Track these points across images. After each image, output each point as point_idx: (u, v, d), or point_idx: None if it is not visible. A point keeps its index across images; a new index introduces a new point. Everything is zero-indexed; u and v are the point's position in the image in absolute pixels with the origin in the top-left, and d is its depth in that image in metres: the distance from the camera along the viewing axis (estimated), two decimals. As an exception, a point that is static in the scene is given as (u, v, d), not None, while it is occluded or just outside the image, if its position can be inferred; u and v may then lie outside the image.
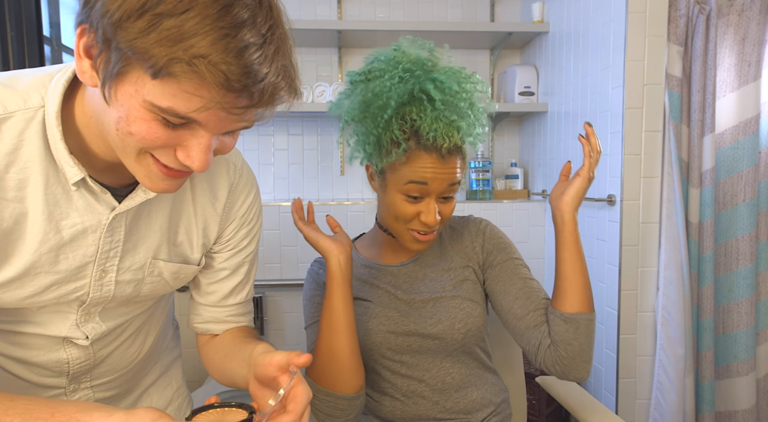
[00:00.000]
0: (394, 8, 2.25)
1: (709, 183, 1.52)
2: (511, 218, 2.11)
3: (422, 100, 0.84)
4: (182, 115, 0.47)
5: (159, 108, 0.47)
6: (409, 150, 0.85)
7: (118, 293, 0.67)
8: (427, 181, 0.85)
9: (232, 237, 0.76)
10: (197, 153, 0.51)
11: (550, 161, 2.05)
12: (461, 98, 0.85)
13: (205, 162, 0.52)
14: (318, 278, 1.00)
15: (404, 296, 0.96)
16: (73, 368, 0.70)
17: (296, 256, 2.05)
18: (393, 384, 0.94)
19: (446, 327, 0.92)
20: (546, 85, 2.08)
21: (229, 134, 0.55)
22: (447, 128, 0.83)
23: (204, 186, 0.72)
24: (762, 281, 1.61)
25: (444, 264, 0.98)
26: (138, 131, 0.49)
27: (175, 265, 0.71)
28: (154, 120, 0.48)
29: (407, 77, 0.85)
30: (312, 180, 2.28)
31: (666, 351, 1.51)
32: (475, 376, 0.96)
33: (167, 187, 0.56)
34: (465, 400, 0.94)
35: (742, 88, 1.54)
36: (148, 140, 0.50)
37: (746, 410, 1.59)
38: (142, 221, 0.66)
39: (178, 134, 0.50)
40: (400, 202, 0.88)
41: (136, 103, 0.47)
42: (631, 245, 1.55)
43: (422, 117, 0.83)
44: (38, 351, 0.67)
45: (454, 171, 0.87)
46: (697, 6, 1.50)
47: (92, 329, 0.68)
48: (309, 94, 2.05)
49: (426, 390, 0.93)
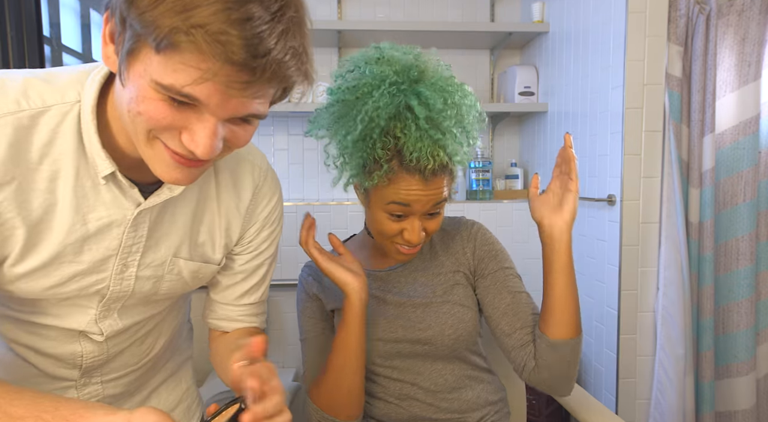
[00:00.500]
0: (394, 8, 2.25)
1: (709, 183, 1.52)
2: (511, 218, 2.11)
3: (407, 117, 0.80)
4: (183, 92, 0.47)
5: (162, 86, 0.47)
6: (391, 172, 0.81)
7: (138, 289, 0.68)
8: (410, 203, 0.82)
9: (253, 239, 0.77)
10: (201, 137, 0.51)
11: (550, 161, 2.05)
12: (447, 116, 0.81)
13: (209, 148, 0.51)
14: (308, 287, 0.99)
15: (393, 299, 0.94)
16: (86, 361, 0.71)
17: (296, 256, 2.05)
18: (385, 387, 0.94)
19: (436, 332, 0.91)
20: (546, 85, 2.08)
21: (239, 124, 0.54)
22: (431, 147, 0.79)
23: (229, 187, 0.72)
24: (762, 281, 1.61)
25: (434, 269, 0.97)
26: (146, 110, 0.49)
27: (195, 264, 0.71)
28: (160, 100, 0.49)
29: (394, 91, 0.80)
30: (312, 180, 2.28)
31: (666, 351, 1.51)
32: (468, 377, 0.95)
33: (180, 176, 0.56)
34: (459, 400, 0.93)
35: (742, 88, 1.54)
36: (155, 120, 0.50)
37: (746, 410, 1.59)
38: (166, 218, 0.67)
39: (184, 116, 0.50)
40: (384, 220, 0.86)
41: (144, 82, 0.48)
42: (631, 245, 1.55)
43: (406, 134, 0.79)
44: (54, 342, 0.68)
45: (439, 191, 0.83)
46: (697, 6, 1.50)
47: (109, 326, 0.69)
48: (309, 94, 2.05)
49: (419, 392, 0.93)
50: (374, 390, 0.95)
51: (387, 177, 0.82)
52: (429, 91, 0.80)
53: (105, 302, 0.67)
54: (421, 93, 0.80)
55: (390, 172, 0.81)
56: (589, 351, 1.76)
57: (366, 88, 0.80)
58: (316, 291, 0.98)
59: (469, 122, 0.85)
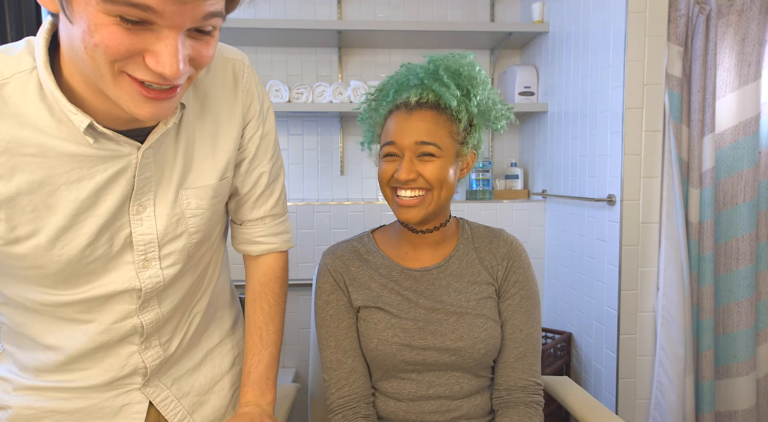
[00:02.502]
0: (394, 8, 2.25)
1: (709, 183, 1.52)
2: (511, 218, 2.11)
3: (412, 85, 0.90)
4: (134, 2, 0.47)
5: (111, 1, 0.47)
6: (384, 114, 0.93)
7: (161, 227, 0.69)
8: (395, 140, 0.88)
9: (249, 140, 0.78)
10: (166, 55, 0.51)
11: (550, 161, 2.05)
12: (444, 68, 0.89)
13: (176, 66, 0.51)
14: (337, 277, 0.95)
15: (426, 304, 0.92)
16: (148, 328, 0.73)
17: (296, 256, 2.05)
18: (401, 388, 0.93)
19: (467, 344, 0.90)
20: (546, 85, 2.08)
21: (200, 38, 0.54)
22: (418, 87, 0.88)
23: (217, 97, 0.73)
24: (762, 281, 1.61)
25: (470, 276, 0.95)
26: (101, 39, 0.49)
27: (204, 189, 0.73)
28: (113, 24, 0.48)
29: (411, 74, 0.91)
30: (312, 180, 2.28)
31: (666, 351, 1.51)
32: (482, 385, 0.95)
33: (154, 110, 0.56)
34: (469, 404, 0.93)
35: (742, 88, 1.54)
36: (113, 48, 0.49)
37: (746, 410, 1.59)
38: (168, 154, 0.68)
39: (142, 38, 0.50)
40: (381, 166, 0.91)
41: (92, 9, 0.48)
42: (631, 245, 1.55)
43: (406, 92, 0.90)
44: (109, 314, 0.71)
45: (424, 126, 0.87)
46: (697, 6, 1.50)
47: (149, 278, 0.70)
48: (309, 94, 2.05)
49: (433, 395, 0.91)
50: (388, 390, 0.94)
51: (381, 124, 0.94)
52: (441, 70, 0.89)
53: (140, 249, 0.68)
54: (432, 69, 0.90)
55: (383, 114, 0.93)
56: (589, 351, 1.76)
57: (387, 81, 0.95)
58: (347, 284, 0.95)
59: (470, 76, 0.91)
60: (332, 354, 0.93)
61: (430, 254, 0.97)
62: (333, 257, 0.98)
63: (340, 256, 0.97)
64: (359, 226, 2.05)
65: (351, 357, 0.93)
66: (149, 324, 0.73)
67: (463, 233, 1.00)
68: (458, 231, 1.01)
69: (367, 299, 0.93)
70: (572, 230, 1.87)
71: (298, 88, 2.06)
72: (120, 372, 0.74)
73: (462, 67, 0.90)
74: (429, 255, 0.97)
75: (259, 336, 0.84)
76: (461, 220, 1.03)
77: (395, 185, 0.89)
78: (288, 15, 2.23)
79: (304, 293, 2.06)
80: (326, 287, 0.96)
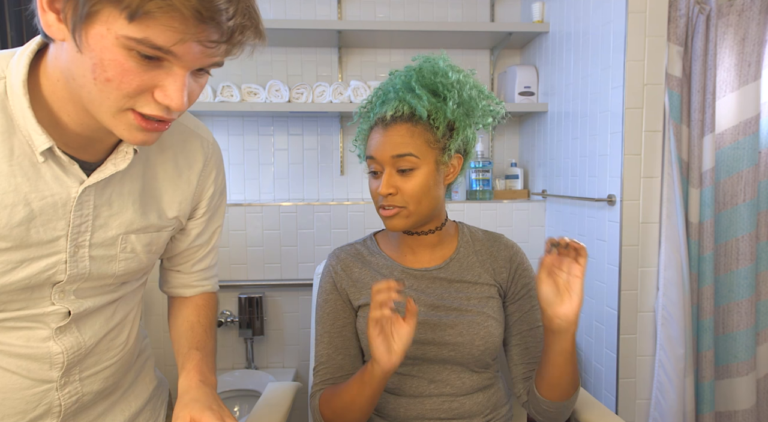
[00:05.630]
0: (394, 8, 2.25)
1: (709, 183, 1.52)
2: (511, 218, 2.11)
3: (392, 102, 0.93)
4: (159, 46, 0.49)
5: (135, 40, 0.48)
6: (367, 130, 0.95)
7: (95, 269, 0.67)
8: (374, 155, 0.90)
9: (206, 209, 0.81)
10: (174, 91, 0.53)
11: (550, 161, 2.05)
12: (417, 79, 0.91)
13: (182, 99, 0.54)
14: (338, 279, 0.98)
15: (427, 301, 0.94)
16: (68, 358, 0.68)
17: (296, 256, 2.05)
18: (402, 383, 0.94)
19: (466, 340, 0.91)
20: (546, 85, 2.08)
21: (199, 76, 0.57)
22: (394, 101, 0.91)
23: (179, 159, 0.75)
24: (762, 281, 1.61)
25: (470, 278, 0.97)
26: (114, 74, 0.50)
27: (147, 236, 0.72)
28: (128, 59, 0.50)
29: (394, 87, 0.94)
30: (312, 180, 2.28)
31: (666, 351, 1.51)
32: (483, 383, 0.96)
33: (144, 138, 0.57)
34: (470, 402, 0.94)
35: (742, 88, 1.54)
36: (126, 83, 0.51)
37: (746, 410, 1.59)
38: (114, 196, 0.67)
39: (153, 75, 0.52)
40: (369, 180, 0.95)
41: (108, 43, 0.49)
42: (631, 245, 1.55)
43: (386, 105, 0.93)
44: (26, 341, 0.65)
45: (400, 139, 0.88)
46: (697, 6, 1.50)
47: (71, 303, 0.67)
48: (309, 94, 2.05)
49: (434, 392, 0.93)
50: (389, 386, 0.95)
51: (365, 139, 0.97)
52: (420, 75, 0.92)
53: (60, 285, 0.65)
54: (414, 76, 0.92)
55: (364, 126, 0.97)
56: (589, 351, 1.76)
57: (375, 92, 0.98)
58: (345, 286, 0.97)
59: (450, 90, 0.90)
60: (324, 349, 0.95)
61: (429, 255, 0.98)
62: (336, 259, 1.01)
63: (343, 259, 1.00)
64: (359, 226, 2.05)
65: (341, 355, 0.95)
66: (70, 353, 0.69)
67: (462, 236, 1.01)
68: (458, 234, 1.02)
69: (368, 297, 0.94)
70: (572, 230, 1.87)
71: (298, 88, 2.06)
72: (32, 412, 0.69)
73: (436, 73, 0.91)
74: (428, 257, 0.98)
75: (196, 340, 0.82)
76: (460, 224, 1.05)
77: (378, 198, 0.92)
78: (288, 15, 2.23)
79: (304, 293, 2.06)
80: (326, 287, 0.99)
